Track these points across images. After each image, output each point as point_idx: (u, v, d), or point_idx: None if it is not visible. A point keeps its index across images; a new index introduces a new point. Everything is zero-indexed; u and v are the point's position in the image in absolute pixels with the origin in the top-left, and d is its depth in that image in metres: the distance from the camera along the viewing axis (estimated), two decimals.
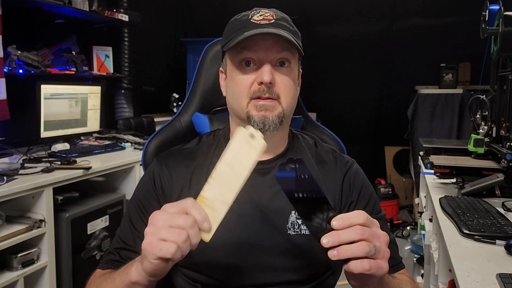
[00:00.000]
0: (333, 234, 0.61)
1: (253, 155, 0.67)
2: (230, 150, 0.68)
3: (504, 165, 1.63)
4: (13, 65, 2.39)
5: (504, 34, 1.66)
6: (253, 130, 0.69)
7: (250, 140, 0.68)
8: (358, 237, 0.61)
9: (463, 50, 3.65)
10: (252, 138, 0.68)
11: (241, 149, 0.67)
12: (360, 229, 0.61)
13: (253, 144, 0.68)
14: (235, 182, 0.66)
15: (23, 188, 1.78)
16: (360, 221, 0.62)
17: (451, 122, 3.45)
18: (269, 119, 0.86)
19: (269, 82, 0.84)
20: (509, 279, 0.91)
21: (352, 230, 0.61)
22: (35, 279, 1.91)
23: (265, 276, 0.86)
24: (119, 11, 3.19)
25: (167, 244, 0.61)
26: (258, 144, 0.68)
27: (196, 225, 0.63)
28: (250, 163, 0.67)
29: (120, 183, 2.50)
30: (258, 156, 0.68)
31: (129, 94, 3.45)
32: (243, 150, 0.67)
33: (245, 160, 0.67)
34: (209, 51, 1.17)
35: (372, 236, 0.62)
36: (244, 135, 0.68)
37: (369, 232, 0.62)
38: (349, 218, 0.62)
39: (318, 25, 4.27)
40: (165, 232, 0.62)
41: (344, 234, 0.61)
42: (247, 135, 0.68)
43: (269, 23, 0.86)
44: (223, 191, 0.66)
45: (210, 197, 0.66)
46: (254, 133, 0.68)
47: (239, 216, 0.88)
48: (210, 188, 0.67)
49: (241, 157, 0.67)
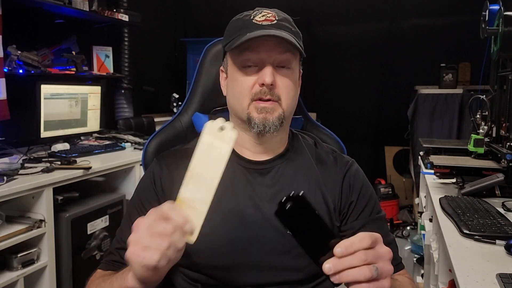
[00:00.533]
0: (335, 260, 0.60)
1: (226, 148, 0.65)
2: (201, 146, 0.66)
3: (504, 165, 1.63)
4: (13, 65, 2.39)
5: (504, 34, 1.66)
6: (221, 122, 0.66)
7: (221, 133, 0.65)
8: (361, 263, 0.59)
9: (463, 50, 3.65)
10: (222, 130, 0.65)
11: (212, 143, 0.65)
12: (363, 255, 0.60)
13: (224, 136, 0.65)
14: (211, 179, 0.64)
15: (23, 188, 1.78)
16: (364, 246, 0.60)
17: (451, 122, 3.45)
18: (269, 121, 0.86)
19: (270, 84, 0.84)
20: (509, 279, 0.91)
21: (355, 257, 0.60)
22: (35, 279, 1.91)
23: (265, 276, 0.86)
24: (119, 11, 3.19)
25: (150, 252, 0.61)
26: (229, 136, 0.65)
27: (177, 230, 0.62)
28: (224, 158, 0.65)
29: (120, 183, 2.50)
30: (231, 148, 0.65)
31: (129, 94, 3.45)
32: (215, 144, 0.65)
33: (218, 154, 0.65)
34: (209, 51, 1.17)
35: (375, 258, 0.61)
36: (212, 129, 0.65)
37: (372, 255, 0.60)
38: (352, 245, 0.60)
39: (318, 25, 4.27)
40: (147, 240, 0.62)
41: (346, 261, 0.59)
42: (216, 129, 0.65)
43: (271, 24, 0.86)
44: (200, 190, 0.65)
45: (188, 197, 0.65)
46: (223, 125, 0.65)
47: (239, 216, 0.88)
48: (187, 189, 0.65)
49: (214, 152, 0.65)
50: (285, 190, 0.91)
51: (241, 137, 0.93)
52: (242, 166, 0.92)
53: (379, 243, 0.62)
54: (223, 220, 0.87)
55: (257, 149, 0.93)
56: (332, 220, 0.91)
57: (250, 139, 0.92)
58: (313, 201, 0.84)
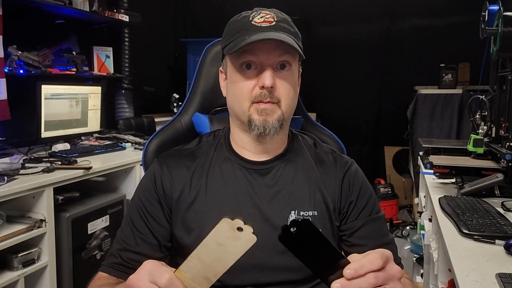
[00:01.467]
0: (344, 282, 0.58)
1: (241, 247, 0.61)
2: (213, 235, 0.61)
3: (503, 165, 1.64)
4: (13, 65, 2.40)
5: (503, 35, 1.66)
6: (241, 224, 0.61)
7: (238, 233, 0.61)
8: (371, 286, 0.58)
9: (462, 51, 3.65)
10: (241, 231, 0.61)
11: (227, 238, 0.61)
12: (373, 278, 0.58)
13: (241, 237, 0.61)
14: (218, 267, 0.62)
15: (23, 188, 1.78)
16: (374, 268, 0.58)
17: (451, 122, 3.46)
18: (269, 123, 0.86)
19: (270, 86, 0.84)
20: (508, 279, 0.91)
21: (365, 280, 0.58)
22: (36, 279, 1.92)
23: (265, 275, 0.87)
24: (119, 12, 3.19)
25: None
26: (246, 239, 0.61)
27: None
28: (237, 254, 0.61)
29: (121, 183, 2.50)
30: (246, 249, 0.61)
31: (129, 94, 3.45)
32: (229, 239, 0.61)
33: (231, 249, 0.61)
34: (209, 52, 1.18)
35: (385, 279, 0.59)
36: (230, 227, 0.61)
37: (383, 277, 0.59)
38: (363, 267, 0.58)
39: (318, 26, 4.27)
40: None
41: (356, 283, 0.58)
42: (235, 228, 0.61)
43: (270, 25, 0.86)
44: (204, 271, 0.62)
45: (189, 274, 0.62)
46: (243, 227, 0.61)
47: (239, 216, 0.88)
48: (189, 267, 0.62)
49: (227, 246, 0.61)
50: (285, 190, 0.91)
51: (241, 138, 0.94)
52: (242, 166, 0.93)
53: (390, 262, 0.61)
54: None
55: (257, 149, 0.93)
56: (331, 220, 0.91)
57: (250, 140, 0.92)
58: (318, 226, 0.83)
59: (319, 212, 0.90)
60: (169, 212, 0.91)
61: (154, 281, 0.61)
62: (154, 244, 0.89)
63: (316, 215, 0.89)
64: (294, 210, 0.89)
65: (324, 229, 0.89)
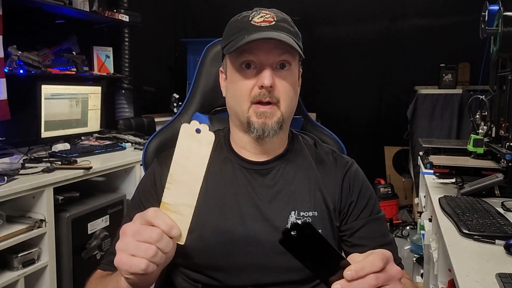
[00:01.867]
0: (344, 283, 0.58)
1: (205, 151, 0.65)
2: (179, 150, 0.65)
3: (503, 165, 1.64)
4: (13, 65, 2.40)
5: (503, 35, 1.66)
6: (197, 125, 0.65)
7: (198, 136, 0.65)
8: (371, 287, 0.58)
9: (462, 50, 3.65)
10: (199, 133, 0.65)
11: (190, 146, 0.65)
12: (374, 279, 0.58)
13: (201, 139, 0.65)
14: (193, 183, 0.65)
15: (23, 188, 1.78)
16: (375, 269, 0.58)
17: (451, 122, 3.46)
18: (268, 126, 0.86)
19: (269, 86, 0.84)
20: (508, 279, 0.91)
21: (365, 281, 0.58)
22: (36, 279, 1.92)
23: (265, 276, 0.87)
24: (119, 12, 3.19)
25: (136, 260, 0.62)
26: (207, 139, 0.65)
27: (163, 236, 0.63)
28: (204, 160, 0.65)
29: (121, 183, 2.51)
30: (209, 150, 0.65)
31: (129, 94, 3.45)
32: (193, 147, 0.65)
33: (197, 157, 0.65)
34: (209, 52, 1.18)
35: (386, 280, 0.59)
36: (188, 132, 0.65)
37: (383, 278, 0.59)
38: (363, 269, 0.58)
39: (318, 26, 4.27)
40: (133, 248, 0.62)
41: (356, 284, 0.58)
42: (192, 131, 0.65)
43: (270, 25, 0.86)
44: (184, 194, 0.65)
45: (172, 202, 0.65)
46: (199, 127, 0.65)
47: (239, 216, 0.88)
48: (170, 193, 0.65)
49: (193, 155, 0.65)
50: (285, 190, 0.91)
51: (241, 139, 0.93)
52: (242, 166, 0.93)
53: (390, 263, 0.61)
54: (224, 220, 0.88)
55: (257, 150, 0.93)
56: (332, 220, 0.91)
57: (250, 140, 0.92)
58: (318, 229, 0.83)
59: (319, 212, 0.90)
60: None
61: (140, 217, 0.65)
62: None
63: (316, 216, 0.89)
64: (294, 210, 0.89)
65: (324, 229, 0.89)
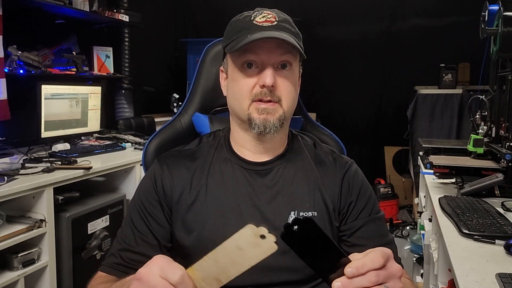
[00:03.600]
0: (345, 280, 0.58)
1: (257, 256, 0.61)
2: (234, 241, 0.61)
3: (503, 165, 1.64)
4: (13, 65, 2.40)
5: (503, 35, 1.66)
6: (264, 231, 0.61)
7: (260, 240, 0.61)
8: (371, 284, 0.58)
9: (462, 51, 3.65)
10: (262, 238, 0.61)
11: (246, 246, 0.61)
12: (374, 276, 0.58)
13: (262, 244, 0.61)
14: (232, 271, 0.61)
15: (23, 188, 1.78)
16: (375, 266, 0.58)
17: (451, 122, 3.46)
18: (270, 122, 0.86)
19: (271, 85, 0.84)
20: (508, 279, 0.91)
21: (366, 278, 0.58)
22: (36, 279, 1.92)
23: (265, 276, 0.87)
24: (119, 12, 3.19)
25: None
26: (266, 247, 0.61)
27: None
28: (249, 264, 0.61)
29: (121, 183, 2.50)
30: (261, 258, 0.61)
31: (129, 94, 3.45)
32: (247, 248, 0.61)
33: (246, 257, 0.61)
34: (209, 52, 1.18)
35: (386, 277, 0.59)
36: (253, 233, 0.61)
37: (384, 275, 0.59)
38: (364, 266, 0.58)
39: (319, 26, 4.27)
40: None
41: (357, 281, 0.58)
42: (257, 234, 0.61)
43: (272, 25, 0.86)
44: (217, 272, 0.61)
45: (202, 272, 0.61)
46: (265, 234, 0.61)
47: (239, 216, 0.88)
48: (204, 265, 0.62)
49: (242, 254, 0.61)
50: (285, 190, 0.91)
51: (241, 138, 0.94)
52: (242, 167, 0.93)
53: (391, 260, 0.61)
54: (223, 221, 0.88)
55: (257, 149, 0.93)
56: (331, 220, 0.91)
57: (250, 140, 0.92)
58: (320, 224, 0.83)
59: (318, 212, 0.90)
60: (169, 213, 0.91)
61: (166, 277, 0.59)
62: (154, 244, 0.89)
63: (315, 216, 0.89)
64: (293, 210, 0.89)
65: (324, 229, 0.88)
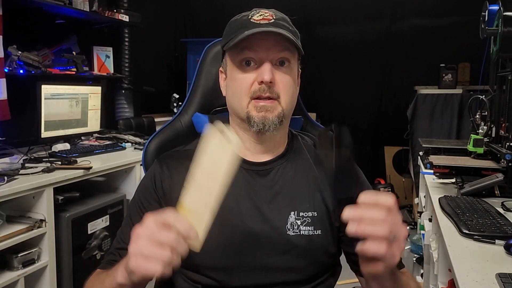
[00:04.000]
0: (356, 209, 0.60)
1: (228, 156, 0.63)
2: (205, 151, 0.64)
3: (503, 165, 1.64)
4: (13, 65, 2.40)
5: (503, 35, 1.66)
6: (223, 127, 0.65)
7: (224, 137, 0.64)
8: (380, 218, 0.60)
9: (462, 51, 3.65)
10: (224, 137, 0.64)
11: (215, 150, 0.63)
12: (385, 212, 0.60)
13: (226, 143, 0.64)
14: (214, 186, 0.63)
15: (23, 188, 1.78)
16: (387, 204, 0.61)
17: (451, 122, 3.46)
18: (269, 119, 0.86)
19: (269, 81, 0.84)
20: (508, 279, 0.91)
21: (377, 211, 0.60)
22: (36, 279, 1.92)
23: (265, 276, 0.87)
24: (119, 12, 3.19)
25: (153, 263, 0.60)
26: (232, 143, 0.64)
27: (180, 239, 0.61)
28: (226, 165, 0.63)
29: (121, 183, 2.50)
30: (234, 156, 0.63)
31: (129, 94, 3.45)
32: (217, 151, 0.63)
33: (220, 161, 0.63)
34: (209, 52, 1.17)
35: (394, 224, 0.61)
36: (216, 133, 0.64)
37: (392, 218, 0.61)
38: (377, 196, 0.61)
39: (318, 26, 4.27)
40: (148, 251, 0.60)
41: (367, 211, 0.60)
42: (219, 134, 0.64)
43: (269, 22, 0.86)
44: (204, 197, 0.63)
45: (191, 204, 0.63)
46: (225, 130, 0.64)
47: (239, 217, 0.88)
48: (189, 195, 0.63)
49: (216, 159, 0.63)
50: (285, 191, 0.91)
51: (240, 137, 0.93)
52: (242, 167, 0.92)
53: (399, 217, 0.63)
54: (223, 221, 0.87)
55: (257, 149, 0.93)
56: (331, 221, 0.91)
57: (249, 139, 0.92)
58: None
59: (318, 213, 0.90)
60: None
61: (158, 219, 0.61)
62: None
63: (315, 216, 0.89)
64: (293, 210, 0.89)
65: (324, 229, 0.89)
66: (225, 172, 0.63)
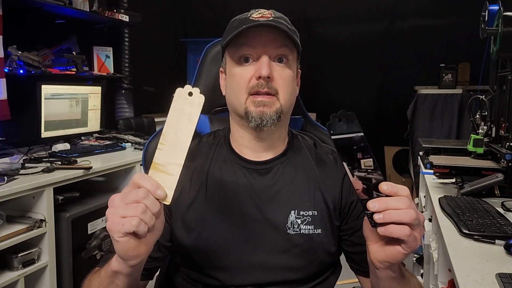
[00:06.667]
0: (381, 200, 0.65)
1: (195, 112, 0.70)
2: (172, 112, 0.70)
3: (503, 165, 1.64)
4: (13, 66, 2.40)
5: (503, 34, 1.66)
6: (190, 88, 0.71)
7: (190, 98, 0.70)
8: (405, 207, 0.64)
9: (462, 50, 3.65)
10: (190, 96, 0.70)
11: (183, 108, 0.70)
12: (408, 200, 0.65)
13: (193, 101, 0.70)
14: (183, 142, 0.69)
15: (23, 188, 1.79)
16: (405, 193, 0.66)
17: (451, 122, 3.46)
18: (267, 114, 0.86)
19: (267, 75, 0.84)
20: (508, 279, 0.91)
21: (400, 200, 0.65)
22: (36, 279, 1.92)
23: (265, 275, 0.87)
24: (119, 12, 3.19)
25: (128, 219, 0.64)
26: (198, 100, 0.70)
27: (149, 195, 0.65)
28: (193, 121, 0.69)
29: (121, 183, 2.50)
30: (199, 111, 0.70)
31: (129, 94, 3.45)
32: (185, 109, 0.70)
33: (188, 118, 0.69)
34: (209, 52, 1.18)
35: (416, 210, 0.65)
36: (182, 94, 0.70)
37: (414, 205, 0.65)
38: (398, 189, 0.65)
39: (318, 25, 4.27)
40: (122, 210, 0.64)
41: (391, 201, 0.64)
42: (185, 94, 0.70)
43: (268, 20, 0.87)
44: (173, 154, 0.69)
45: (162, 162, 0.68)
46: (191, 90, 0.71)
47: (239, 215, 0.88)
48: (160, 153, 0.69)
49: (184, 117, 0.69)
50: (285, 190, 0.91)
51: (241, 136, 0.93)
52: (242, 166, 0.93)
53: (415, 205, 0.67)
54: (224, 220, 0.88)
55: (257, 147, 0.93)
56: (332, 220, 0.91)
57: (249, 136, 0.92)
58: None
59: (319, 212, 0.90)
60: (169, 212, 0.91)
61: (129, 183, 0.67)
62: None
63: (316, 215, 0.89)
64: (294, 210, 0.89)
65: (324, 228, 0.89)
66: (191, 129, 0.69)
